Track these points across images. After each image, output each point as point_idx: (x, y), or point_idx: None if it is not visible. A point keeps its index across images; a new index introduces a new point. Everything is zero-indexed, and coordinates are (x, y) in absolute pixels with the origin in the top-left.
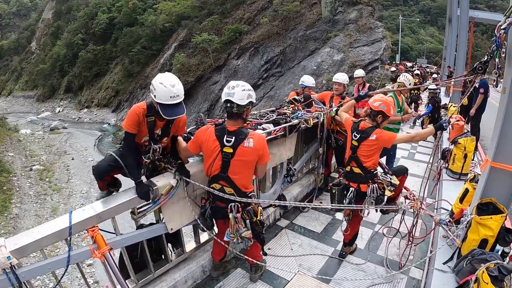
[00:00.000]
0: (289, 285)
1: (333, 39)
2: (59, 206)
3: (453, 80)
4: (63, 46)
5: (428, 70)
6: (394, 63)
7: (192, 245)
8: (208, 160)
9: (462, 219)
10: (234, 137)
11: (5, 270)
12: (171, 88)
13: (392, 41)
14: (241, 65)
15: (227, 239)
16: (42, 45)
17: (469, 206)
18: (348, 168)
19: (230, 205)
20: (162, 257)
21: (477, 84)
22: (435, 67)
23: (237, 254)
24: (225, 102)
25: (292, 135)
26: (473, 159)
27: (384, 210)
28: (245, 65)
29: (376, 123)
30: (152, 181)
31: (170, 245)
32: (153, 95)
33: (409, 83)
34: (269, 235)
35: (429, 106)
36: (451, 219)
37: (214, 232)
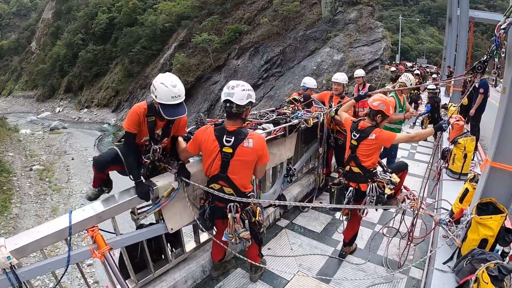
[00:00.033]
0: (289, 285)
1: (333, 39)
2: (59, 206)
3: (452, 79)
4: (63, 46)
5: (428, 70)
6: (394, 63)
7: (192, 245)
8: (207, 160)
9: (462, 219)
10: (233, 137)
11: (5, 270)
12: (172, 88)
13: (392, 41)
14: (241, 65)
15: (225, 239)
16: (42, 45)
17: (469, 206)
18: (347, 167)
19: (229, 205)
20: (162, 257)
21: (477, 84)
22: (435, 67)
23: (237, 255)
24: (224, 102)
25: (292, 135)
26: (473, 159)
27: (384, 203)
28: (245, 65)
29: (375, 123)
30: (152, 181)
31: (169, 245)
32: (154, 96)
33: (410, 83)
34: (269, 235)
35: (428, 106)
36: (451, 219)
37: (213, 232)
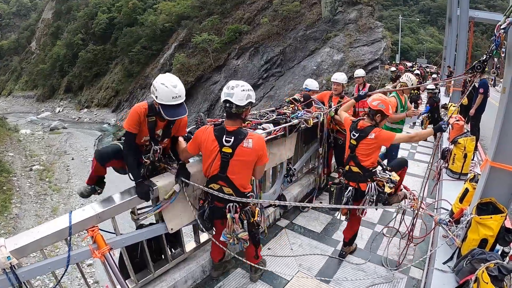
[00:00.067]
0: (289, 285)
1: (333, 39)
2: (59, 206)
3: (452, 79)
4: (63, 46)
5: (428, 70)
6: (394, 63)
7: (192, 245)
8: (207, 160)
9: (462, 218)
10: (233, 137)
11: (5, 270)
12: (173, 88)
13: (392, 41)
14: (241, 65)
15: (223, 239)
16: (42, 45)
17: (469, 206)
18: (347, 167)
19: (228, 205)
20: (162, 257)
21: (477, 83)
22: (435, 67)
23: (236, 256)
24: (224, 102)
25: (292, 135)
26: (473, 159)
27: (386, 202)
28: (245, 65)
29: (375, 122)
30: (152, 181)
31: (168, 246)
32: (155, 96)
33: (412, 83)
34: (269, 235)
35: (427, 106)
36: (451, 219)
37: (213, 232)
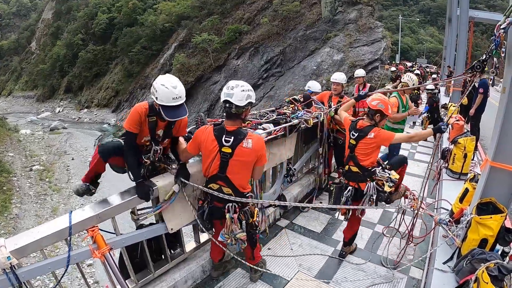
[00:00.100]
0: (289, 285)
1: (333, 39)
2: (59, 206)
3: (452, 79)
4: (63, 46)
5: (428, 70)
6: (394, 63)
7: (192, 245)
8: (206, 160)
9: (462, 218)
10: (232, 137)
11: (5, 270)
12: (173, 89)
13: (392, 41)
14: (241, 65)
15: (221, 239)
16: (42, 45)
17: (469, 205)
18: (346, 167)
19: (227, 205)
20: (162, 257)
21: (477, 83)
22: (435, 67)
23: (235, 256)
24: (224, 102)
25: (292, 135)
26: (473, 159)
27: (388, 199)
28: (245, 65)
29: (374, 122)
30: (151, 181)
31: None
32: (155, 97)
33: (413, 83)
34: (269, 235)
35: (426, 106)
36: (451, 219)
37: (212, 232)
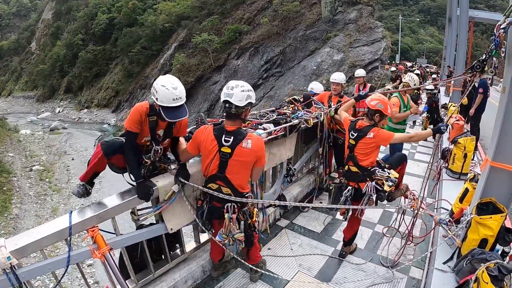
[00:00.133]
0: (289, 285)
1: (333, 39)
2: (59, 206)
3: (452, 79)
4: (63, 46)
5: (428, 70)
6: (394, 63)
7: (192, 245)
8: (206, 159)
9: (462, 218)
10: (232, 137)
11: (5, 270)
12: (173, 90)
13: (392, 41)
14: (241, 65)
15: (219, 239)
16: (42, 45)
17: (469, 205)
18: (346, 167)
19: (226, 205)
20: (162, 257)
21: (477, 83)
22: (435, 67)
23: (235, 256)
24: (224, 102)
25: (292, 135)
26: (473, 159)
27: (390, 197)
28: (245, 65)
29: (373, 122)
30: (151, 181)
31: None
32: (155, 98)
33: (414, 84)
34: (269, 235)
35: (425, 106)
36: (451, 219)
37: (212, 232)
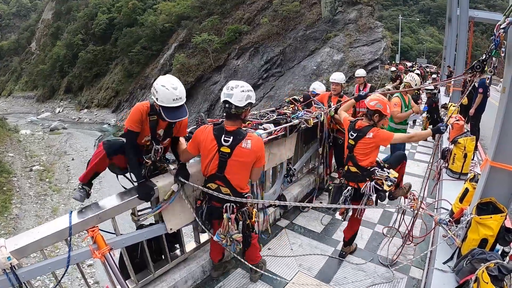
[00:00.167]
0: (289, 285)
1: (333, 39)
2: (59, 206)
3: (452, 79)
4: (63, 46)
5: (428, 70)
6: (394, 63)
7: (192, 245)
8: (205, 159)
9: (462, 218)
10: (232, 137)
11: (5, 270)
12: (173, 90)
13: (392, 41)
14: (241, 65)
15: (217, 239)
16: (42, 45)
17: (469, 205)
18: (345, 167)
19: (225, 205)
20: (162, 257)
21: (477, 83)
22: (435, 66)
23: (236, 256)
24: (223, 102)
25: (292, 135)
26: (473, 159)
27: (391, 196)
28: (245, 65)
29: (373, 122)
30: (151, 182)
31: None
32: (155, 98)
33: (415, 84)
34: (270, 235)
35: (425, 106)
36: (451, 219)
37: (212, 232)
